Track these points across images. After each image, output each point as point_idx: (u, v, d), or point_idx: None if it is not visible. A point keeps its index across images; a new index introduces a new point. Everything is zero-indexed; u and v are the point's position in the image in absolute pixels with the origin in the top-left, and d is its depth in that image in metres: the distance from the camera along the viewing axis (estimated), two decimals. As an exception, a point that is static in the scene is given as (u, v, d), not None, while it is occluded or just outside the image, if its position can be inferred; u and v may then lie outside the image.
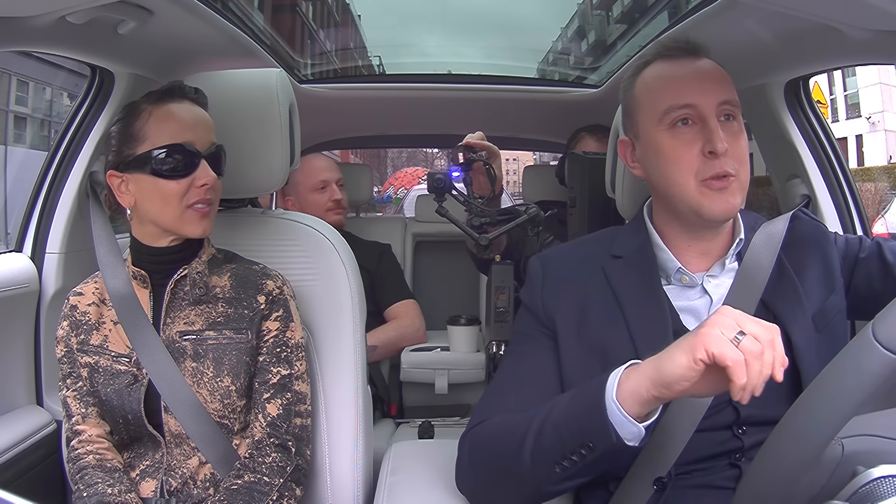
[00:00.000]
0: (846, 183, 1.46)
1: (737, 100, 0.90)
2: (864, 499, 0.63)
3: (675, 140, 0.89)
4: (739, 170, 0.88)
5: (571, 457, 0.74)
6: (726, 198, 0.87)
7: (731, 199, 0.87)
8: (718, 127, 0.87)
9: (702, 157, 0.87)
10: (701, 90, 0.88)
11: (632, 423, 0.71)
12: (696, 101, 0.88)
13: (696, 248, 0.93)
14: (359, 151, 11.38)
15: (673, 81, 0.91)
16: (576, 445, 0.74)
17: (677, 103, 0.89)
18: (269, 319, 1.08)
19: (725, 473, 0.83)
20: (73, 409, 1.05)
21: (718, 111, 0.88)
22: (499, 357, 1.52)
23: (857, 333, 0.64)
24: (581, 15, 2.78)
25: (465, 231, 1.60)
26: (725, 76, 0.91)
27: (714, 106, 0.88)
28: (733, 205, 0.88)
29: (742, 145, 0.89)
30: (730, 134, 0.88)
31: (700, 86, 0.89)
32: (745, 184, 0.89)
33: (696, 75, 0.90)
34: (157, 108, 1.02)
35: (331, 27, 2.87)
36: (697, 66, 0.91)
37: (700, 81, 0.90)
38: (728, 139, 0.87)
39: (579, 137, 2.04)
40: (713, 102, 0.88)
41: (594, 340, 0.90)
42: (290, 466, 1.04)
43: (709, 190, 0.87)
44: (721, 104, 0.88)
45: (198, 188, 1.02)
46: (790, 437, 0.64)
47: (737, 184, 0.88)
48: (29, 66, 6.21)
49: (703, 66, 0.91)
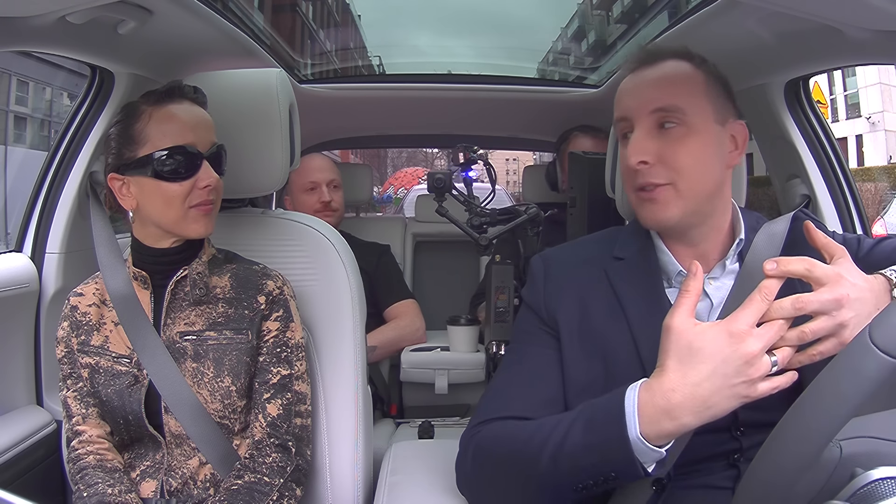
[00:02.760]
0: (846, 183, 1.47)
1: (678, 104, 0.87)
2: (863, 500, 0.63)
3: (622, 150, 0.92)
4: (677, 178, 0.87)
5: (592, 482, 0.75)
6: (653, 208, 0.88)
7: (661, 209, 0.88)
8: (638, 139, 0.88)
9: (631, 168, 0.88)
10: (635, 100, 0.90)
11: (654, 451, 0.72)
12: (628, 114, 0.90)
13: (689, 252, 0.93)
14: (359, 151, 11.37)
15: (620, 95, 0.93)
16: (597, 474, 0.74)
17: (617, 116, 0.92)
18: (269, 319, 1.08)
19: (724, 474, 0.83)
20: (74, 410, 1.05)
21: (652, 119, 0.88)
22: (499, 357, 1.53)
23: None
24: (581, 15, 2.78)
25: (465, 231, 1.60)
26: (672, 82, 0.89)
27: (645, 115, 0.88)
28: (665, 216, 0.88)
29: (680, 153, 0.87)
30: (666, 141, 0.87)
31: (634, 97, 0.90)
32: (688, 192, 0.87)
33: (636, 85, 0.91)
34: (156, 110, 1.01)
35: (331, 27, 2.87)
36: (642, 75, 0.91)
37: (636, 92, 0.91)
38: (663, 147, 0.87)
39: (572, 137, 2.04)
40: (644, 112, 0.88)
41: (596, 341, 0.90)
42: (290, 466, 1.04)
43: (641, 200, 0.89)
44: (654, 112, 0.88)
45: (200, 189, 1.02)
46: (788, 439, 0.64)
47: (671, 193, 0.87)
48: (29, 66, 6.21)
49: (649, 74, 0.91)
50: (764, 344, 0.69)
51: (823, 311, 0.71)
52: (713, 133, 0.89)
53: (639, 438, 0.71)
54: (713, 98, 0.90)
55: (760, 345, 0.69)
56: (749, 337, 0.69)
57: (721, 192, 0.91)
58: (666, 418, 0.70)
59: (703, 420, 0.70)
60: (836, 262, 0.76)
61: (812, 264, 0.73)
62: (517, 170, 20.03)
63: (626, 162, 0.88)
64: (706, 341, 0.70)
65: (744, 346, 0.68)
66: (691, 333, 0.71)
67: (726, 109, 0.91)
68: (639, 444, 0.71)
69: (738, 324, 0.70)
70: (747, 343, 0.68)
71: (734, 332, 0.69)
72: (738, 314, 0.70)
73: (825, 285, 0.72)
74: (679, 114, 0.87)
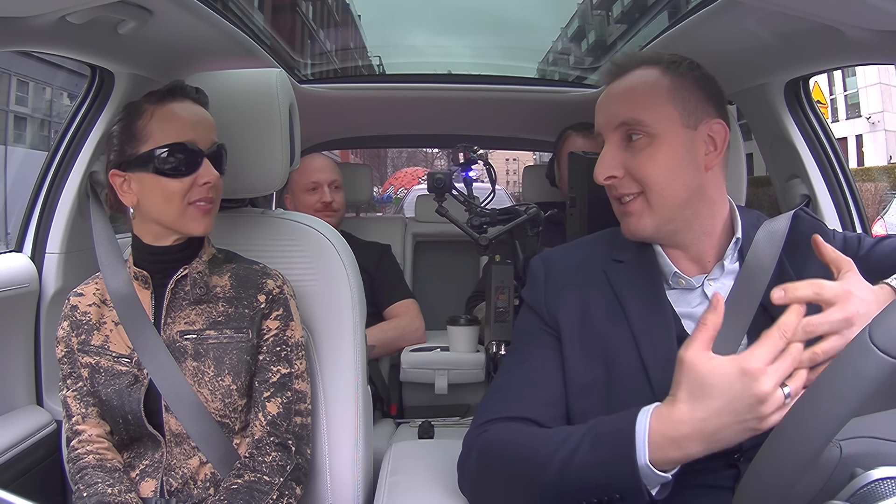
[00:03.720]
0: (846, 183, 1.47)
1: (637, 117, 0.88)
2: (863, 500, 0.63)
3: None
4: (646, 189, 0.88)
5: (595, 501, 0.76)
6: (629, 221, 0.91)
7: (636, 221, 0.90)
8: (605, 154, 0.90)
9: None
10: (603, 117, 0.92)
11: (660, 476, 0.73)
12: (599, 129, 0.93)
13: (680, 254, 0.93)
14: (359, 151, 11.38)
15: (595, 110, 0.95)
16: (602, 493, 0.75)
17: (594, 131, 0.94)
18: (269, 318, 1.08)
19: (724, 473, 0.83)
20: (74, 410, 1.05)
21: (619, 134, 0.90)
22: (499, 357, 1.53)
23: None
24: (581, 15, 2.78)
25: (465, 231, 1.60)
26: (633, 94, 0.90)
27: (611, 130, 0.91)
28: (640, 227, 0.90)
29: (644, 164, 0.88)
30: (633, 154, 0.89)
31: (602, 112, 0.93)
32: (658, 201, 0.88)
33: (603, 102, 0.93)
34: (159, 108, 1.02)
35: (331, 27, 2.87)
36: (610, 89, 0.93)
37: (603, 108, 0.93)
38: (629, 159, 0.89)
39: (566, 136, 2.04)
40: (610, 127, 0.91)
41: (597, 342, 0.90)
42: (290, 465, 1.04)
43: (620, 213, 0.93)
44: (619, 126, 0.90)
45: (200, 186, 1.02)
46: (788, 439, 0.64)
47: (642, 204, 0.89)
48: (29, 66, 6.21)
49: (613, 88, 0.93)
50: (777, 380, 0.69)
51: (834, 331, 0.71)
52: (681, 139, 0.88)
53: (647, 465, 0.72)
54: (681, 102, 0.89)
55: (773, 382, 0.68)
56: (763, 376, 0.68)
57: (701, 196, 0.90)
58: (673, 448, 0.72)
59: (710, 450, 0.72)
60: (844, 276, 0.76)
61: (820, 287, 0.73)
62: (517, 170, 20.03)
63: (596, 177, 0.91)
64: (718, 378, 0.69)
65: (757, 386, 0.68)
66: (705, 368, 0.70)
67: (700, 111, 0.90)
68: (646, 469, 0.72)
69: (753, 361, 0.69)
70: (761, 382, 0.68)
71: (748, 371, 0.68)
72: (754, 350, 0.70)
73: (835, 305, 0.72)
74: (641, 125, 0.88)
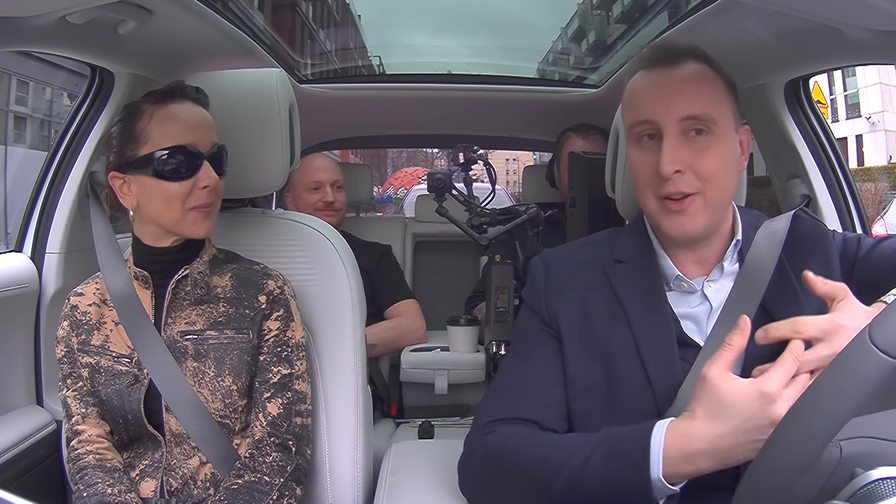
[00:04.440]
0: (846, 183, 1.47)
1: (709, 113, 0.85)
2: (863, 500, 0.63)
3: (640, 154, 0.89)
4: (705, 188, 0.85)
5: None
6: (683, 220, 0.86)
7: (691, 220, 0.86)
8: (671, 146, 0.84)
9: (658, 174, 0.85)
10: (662, 105, 0.86)
11: (669, 489, 0.74)
12: (654, 118, 0.86)
13: (688, 256, 0.92)
14: (359, 151, 11.37)
15: (639, 95, 0.89)
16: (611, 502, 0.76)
17: (638, 119, 0.88)
18: (269, 319, 1.08)
19: (724, 473, 0.82)
20: (74, 410, 1.05)
21: (681, 127, 0.85)
22: (499, 357, 1.53)
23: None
24: (581, 15, 2.78)
25: (465, 231, 1.60)
26: (702, 85, 0.87)
27: (674, 122, 0.85)
28: (693, 227, 0.86)
29: (710, 162, 0.85)
30: (695, 150, 0.85)
31: (662, 101, 0.86)
32: (715, 202, 0.86)
33: (662, 88, 0.87)
34: (158, 109, 1.01)
35: (331, 27, 2.87)
36: (667, 77, 0.88)
37: (663, 96, 0.87)
38: (692, 157, 0.85)
39: (566, 137, 2.04)
40: (673, 118, 0.85)
41: (598, 343, 0.90)
42: (290, 466, 1.04)
43: (667, 210, 0.87)
44: (685, 119, 0.85)
45: (200, 190, 1.02)
46: (788, 439, 0.64)
47: (699, 203, 0.86)
48: (29, 66, 6.21)
49: (674, 76, 0.87)
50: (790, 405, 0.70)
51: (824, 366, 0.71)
52: (732, 139, 0.89)
53: (660, 479, 0.73)
54: (731, 104, 0.89)
55: (787, 406, 0.69)
56: (779, 399, 0.70)
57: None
58: (686, 463, 0.73)
59: (720, 467, 0.73)
60: (837, 306, 0.77)
61: (801, 325, 0.75)
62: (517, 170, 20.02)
63: (660, 169, 0.84)
64: (737, 398, 0.71)
65: (773, 409, 0.70)
66: (724, 388, 0.72)
67: (738, 115, 0.90)
68: (658, 483, 0.73)
69: (771, 384, 0.71)
70: (777, 405, 0.70)
71: (765, 394, 0.71)
72: (771, 374, 0.72)
73: (823, 340, 0.73)
74: (711, 122, 0.85)
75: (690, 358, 0.86)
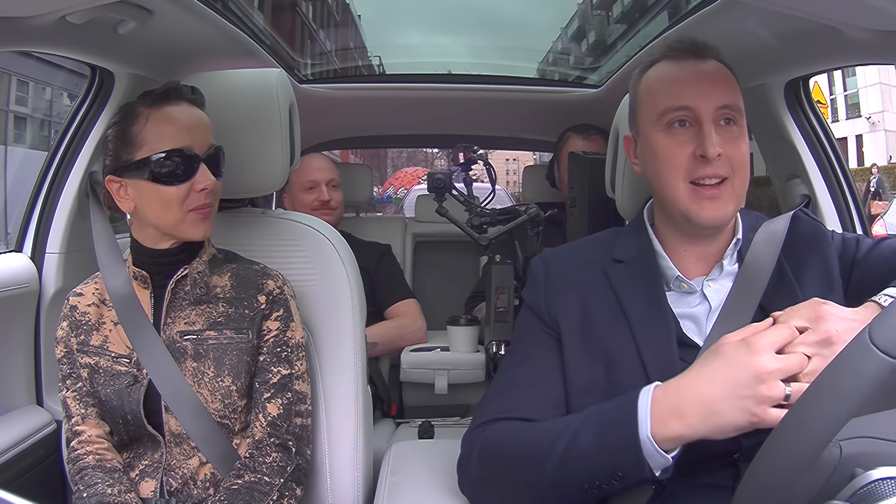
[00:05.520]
0: (846, 183, 1.47)
1: (739, 105, 0.89)
2: (863, 500, 0.63)
3: (669, 140, 0.90)
4: (734, 175, 0.88)
5: (598, 483, 0.76)
6: (716, 205, 0.87)
7: (723, 206, 0.87)
8: (713, 131, 0.87)
9: (693, 160, 0.87)
10: (700, 93, 0.88)
11: (662, 456, 0.73)
12: (693, 104, 0.88)
13: (693, 252, 0.93)
14: (359, 151, 11.37)
15: (672, 83, 0.91)
16: (605, 475, 0.76)
17: (674, 105, 0.89)
18: (269, 319, 1.08)
19: (723, 473, 0.83)
20: (73, 410, 1.05)
21: (717, 115, 0.88)
22: (499, 357, 1.53)
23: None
24: (581, 15, 2.78)
25: (465, 231, 1.60)
26: (729, 80, 0.91)
27: (712, 110, 0.88)
28: (724, 213, 0.88)
29: (741, 151, 0.88)
30: (728, 139, 0.88)
31: (699, 89, 0.89)
32: (740, 190, 0.89)
33: (697, 77, 0.90)
34: (154, 112, 1.01)
35: (331, 27, 2.87)
36: (700, 68, 0.91)
37: (700, 84, 0.89)
38: (725, 144, 0.87)
39: (566, 137, 2.04)
40: (711, 106, 0.88)
41: (598, 343, 0.90)
42: (290, 466, 1.04)
43: (698, 196, 0.88)
44: (720, 108, 0.88)
45: (198, 192, 1.01)
46: (788, 439, 0.64)
47: (730, 190, 0.88)
48: (29, 66, 6.22)
49: (706, 68, 0.91)
50: (779, 367, 0.70)
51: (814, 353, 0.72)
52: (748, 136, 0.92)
53: (648, 438, 0.73)
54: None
55: (775, 365, 0.70)
56: (765, 352, 0.71)
57: None
58: (674, 417, 0.73)
59: (708, 426, 0.72)
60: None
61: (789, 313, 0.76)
62: (517, 170, 20.02)
63: (705, 152, 0.86)
64: (726, 346, 0.74)
65: (758, 360, 0.71)
66: (724, 339, 0.75)
67: None
68: (648, 444, 0.73)
69: (759, 338, 0.72)
70: (762, 358, 0.71)
71: (751, 344, 0.72)
72: (765, 332, 0.73)
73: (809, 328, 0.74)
74: (738, 112, 0.89)
75: (690, 358, 0.86)
